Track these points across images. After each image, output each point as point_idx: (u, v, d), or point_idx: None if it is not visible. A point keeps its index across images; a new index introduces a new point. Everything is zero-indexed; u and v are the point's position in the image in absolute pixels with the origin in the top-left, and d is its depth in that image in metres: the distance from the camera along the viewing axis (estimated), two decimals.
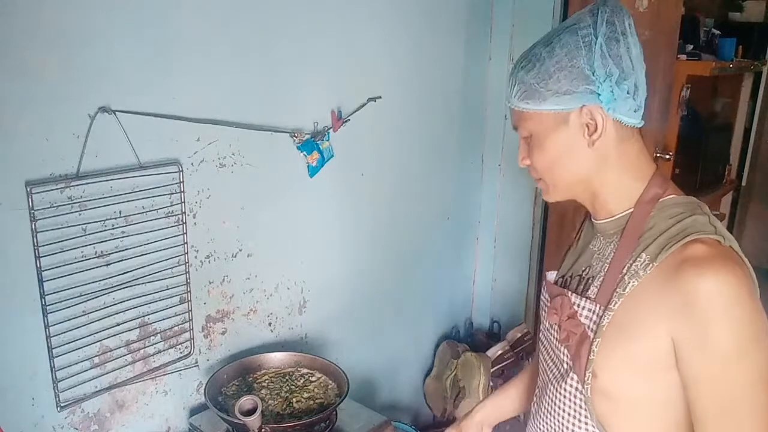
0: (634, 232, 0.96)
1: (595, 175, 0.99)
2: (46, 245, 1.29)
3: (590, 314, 0.98)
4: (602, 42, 0.93)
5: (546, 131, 0.98)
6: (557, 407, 1.04)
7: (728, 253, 0.89)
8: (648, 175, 0.99)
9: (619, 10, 0.95)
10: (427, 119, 2.29)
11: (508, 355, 2.50)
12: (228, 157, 1.63)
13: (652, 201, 0.97)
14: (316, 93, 1.82)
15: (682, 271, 0.87)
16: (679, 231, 0.91)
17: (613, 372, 0.94)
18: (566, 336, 1.01)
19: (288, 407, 1.56)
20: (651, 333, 0.89)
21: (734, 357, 0.85)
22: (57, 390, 1.37)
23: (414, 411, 2.53)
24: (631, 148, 0.98)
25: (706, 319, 0.84)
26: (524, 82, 0.98)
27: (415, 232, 2.34)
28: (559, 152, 0.98)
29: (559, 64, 0.94)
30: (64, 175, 1.31)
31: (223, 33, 1.55)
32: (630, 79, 0.94)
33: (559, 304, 1.03)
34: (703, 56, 3.30)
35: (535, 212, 2.59)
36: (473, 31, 2.41)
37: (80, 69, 1.30)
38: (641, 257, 0.93)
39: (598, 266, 1.01)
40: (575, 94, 0.94)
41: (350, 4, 1.88)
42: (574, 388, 1.00)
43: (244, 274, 1.74)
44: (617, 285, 0.94)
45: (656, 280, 0.90)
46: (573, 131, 0.96)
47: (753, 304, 0.86)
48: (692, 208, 0.96)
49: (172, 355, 1.60)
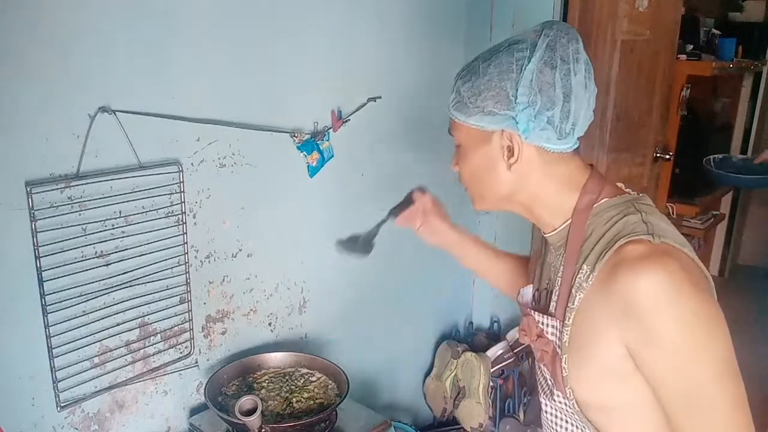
0: (575, 243, 0.95)
1: (517, 193, 0.98)
2: (46, 245, 1.29)
3: (555, 330, 0.97)
4: (534, 68, 0.90)
5: (471, 144, 0.98)
6: (556, 420, 1.04)
7: (662, 249, 0.86)
8: (581, 184, 0.97)
9: (565, 34, 0.93)
10: (427, 119, 2.29)
11: (508, 355, 2.49)
12: (228, 157, 1.63)
13: (587, 208, 0.95)
14: (316, 93, 1.82)
15: (617, 274, 0.85)
16: (613, 236, 0.90)
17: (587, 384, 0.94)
18: (540, 355, 1.01)
19: (288, 407, 1.56)
20: (604, 343, 0.88)
21: (687, 351, 0.83)
22: (57, 390, 1.37)
23: (414, 411, 2.52)
24: (558, 169, 0.96)
25: (650, 318, 0.83)
26: (459, 92, 0.97)
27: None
28: (480, 167, 0.99)
29: (489, 83, 0.93)
30: (64, 175, 1.31)
31: (223, 33, 1.55)
32: (555, 108, 0.91)
33: (527, 323, 1.03)
34: (703, 56, 3.31)
35: None
36: (473, 31, 2.40)
37: (80, 69, 1.30)
38: (583, 269, 0.92)
39: (555, 280, 1.00)
40: (497, 116, 0.93)
41: (350, 4, 1.88)
42: (563, 404, 0.99)
43: (244, 274, 1.74)
44: (567, 300, 0.93)
45: (597, 289, 0.89)
46: (494, 151, 0.96)
47: (696, 296, 0.83)
48: (625, 208, 0.93)
49: (172, 355, 1.60)
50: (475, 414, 2.37)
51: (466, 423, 2.40)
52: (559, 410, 1.02)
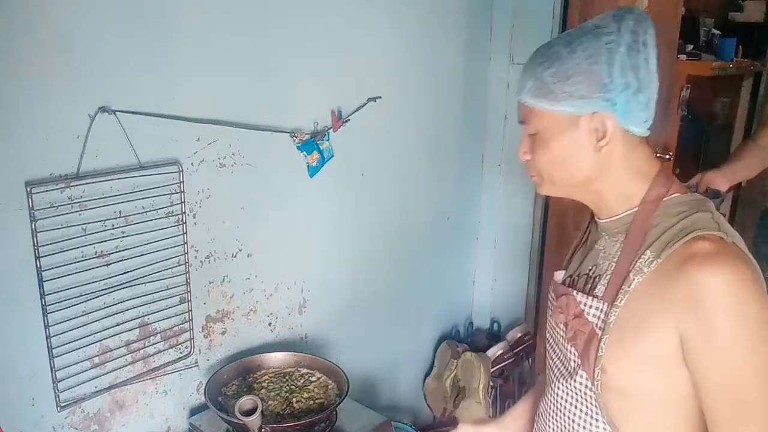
0: (639, 231, 0.97)
1: (596, 177, 0.99)
2: (46, 245, 1.29)
3: (597, 312, 0.98)
4: (624, 51, 0.92)
5: (554, 131, 0.97)
6: (567, 404, 1.04)
7: (732, 250, 0.89)
8: (651, 175, 0.99)
9: (644, 20, 0.95)
10: (427, 119, 2.29)
11: (508, 355, 2.50)
12: (228, 157, 1.63)
13: (656, 200, 0.98)
14: (316, 93, 1.82)
15: (687, 266, 0.87)
16: (683, 228, 0.92)
17: (622, 368, 0.95)
18: (573, 335, 1.01)
19: (288, 407, 1.56)
20: (657, 328, 0.90)
21: (741, 351, 0.86)
22: (57, 390, 1.37)
23: (414, 411, 2.53)
24: (634, 155, 0.98)
25: (712, 314, 0.85)
26: (540, 79, 0.96)
27: (415, 232, 2.34)
28: (564, 153, 0.98)
29: (578, 67, 0.93)
30: (64, 175, 1.31)
31: (223, 33, 1.55)
32: (646, 91, 0.94)
33: (565, 303, 1.04)
34: (703, 56, 3.30)
35: (535, 212, 2.59)
36: (473, 32, 2.41)
37: (80, 69, 1.30)
38: (645, 254, 0.94)
39: (605, 265, 1.01)
40: (590, 100, 0.93)
41: (350, 5, 1.88)
42: (583, 386, 1.00)
43: (244, 274, 1.74)
44: (623, 282, 0.95)
45: (660, 276, 0.91)
46: (581, 135, 0.96)
47: (758, 300, 0.86)
48: (696, 205, 0.96)
49: (172, 355, 1.60)
50: (475, 414, 2.36)
51: None
52: (575, 393, 1.02)
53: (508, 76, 2.49)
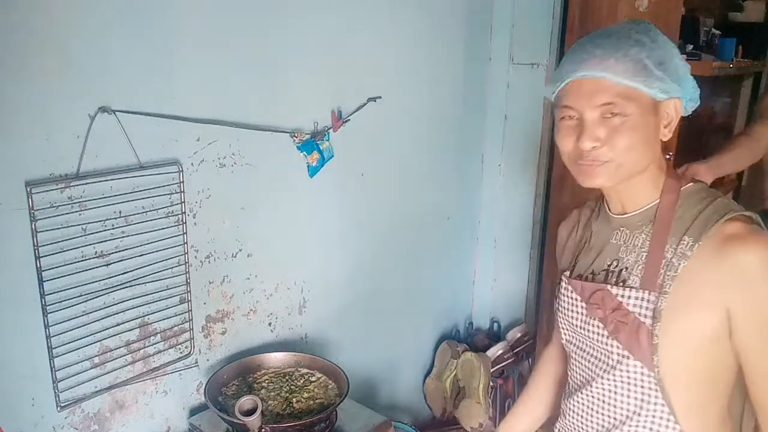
0: (665, 220, 1.01)
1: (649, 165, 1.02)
2: (46, 245, 1.29)
3: (639, 302, 1.00)
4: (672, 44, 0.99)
5: (643, 114, 0.97)
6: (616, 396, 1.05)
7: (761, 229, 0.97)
8: (665, 168, 1.05)
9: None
10: (427, 119, 2.29)
11: (508, 355, 2.50)
12: (228, 157, 1.63)
13: (675, 190, 1.03)
14: (316, 93, 1.82)
15: (729, 246, 0.94)
16: (714, 211, 0.98)
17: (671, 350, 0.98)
18: (615, 327, 1.03)
19: (288, 407, 1.56)
20: (705, 306, 0.95)
21: None
22: (57, 390, 1.37)
23: (414, 411, 2.53)
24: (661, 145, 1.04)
25: (756, 287, 0.92)
26: (636, 59, 0.95)
27: (415, 232, 2.34)
28: (645, 138, 0.99)
29: (673, 51, 0.98)
30: (64, 175, 1.31)
31: (223, 33, 1.55)
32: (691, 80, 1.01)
33: (601, 298, 1.05)
34: (703, 56, 3.30)
35: (535, 212, 2.59)
36: (473, 31, 2.40)
37: (80, 69, 1.30)
38: (684, 240, 0.98)
39: (631, 257, 1.04)
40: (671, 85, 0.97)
41: (350, 5, 1.88)
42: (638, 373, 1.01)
43: (244, 274, 1.74)
44: (665, 269, 0.98)
45: (703, 257, 0.96)
46: (659, 120, 1.00)
47: None
48: (713, 193, 1.03)
49: (172, 355, 1.60)
50: (475, 414, 2.37)
51: (466, 423, 2.40)
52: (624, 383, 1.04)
53: (508, 76, 2.49)
